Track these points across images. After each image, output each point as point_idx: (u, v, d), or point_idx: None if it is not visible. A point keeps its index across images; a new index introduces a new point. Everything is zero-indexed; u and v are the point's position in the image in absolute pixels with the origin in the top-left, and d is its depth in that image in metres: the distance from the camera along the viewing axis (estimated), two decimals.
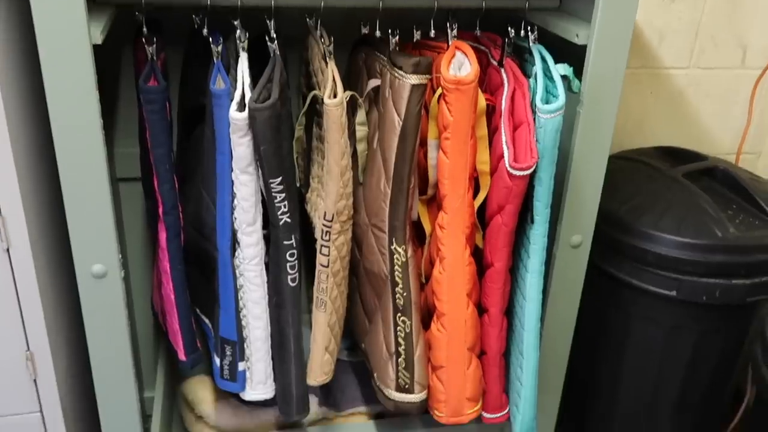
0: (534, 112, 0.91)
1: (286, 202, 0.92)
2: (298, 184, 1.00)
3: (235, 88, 0.89)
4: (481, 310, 1.03)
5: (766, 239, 1.19)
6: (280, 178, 0.89)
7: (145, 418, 1.27)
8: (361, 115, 0.98)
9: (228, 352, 0.99)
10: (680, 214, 1.22)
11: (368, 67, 1.03)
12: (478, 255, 1.02)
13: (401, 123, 0.91)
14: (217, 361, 1.01)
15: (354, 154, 1.00)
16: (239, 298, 0.98)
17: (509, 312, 1.05)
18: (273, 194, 0.90)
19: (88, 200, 0.89)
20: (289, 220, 0.93)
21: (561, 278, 1.09)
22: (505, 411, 1.10)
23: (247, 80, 0.89)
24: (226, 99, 0.88)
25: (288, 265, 0.94)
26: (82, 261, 0.92)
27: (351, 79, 1.11)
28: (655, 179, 1.31)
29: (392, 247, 0.96)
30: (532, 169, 0.90)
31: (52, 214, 1.01)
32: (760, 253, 1.18)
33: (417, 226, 1.05)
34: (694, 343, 1.26)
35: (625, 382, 1.35)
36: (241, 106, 0.87)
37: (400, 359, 0.98)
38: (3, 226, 0.88)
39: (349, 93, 0.95)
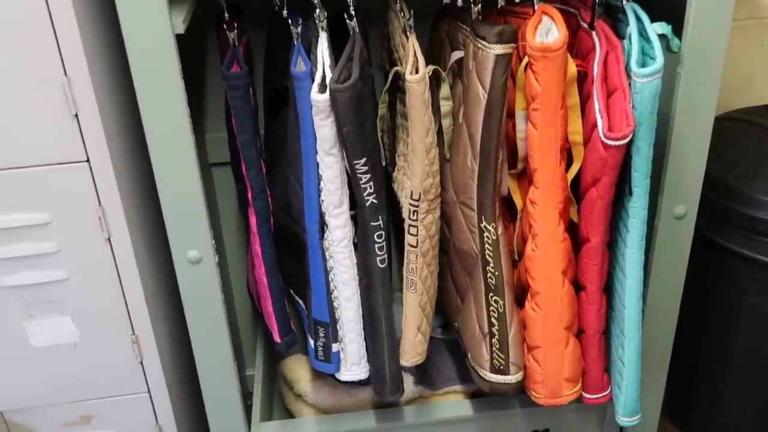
0: (629, 77, 0.85)
1: (371, 183, 0.90)
2: (384, 163, 0.99)
3: (316, 70, 0.88)
4: (578, 287, 0.99)
5: None
6: (364, 159, 0.88)
7: (247, 395, 1.31)
8: (445, 90, 0.95)
9: (321, 334, 1.00)
10: None
11: (451, 39, 0.99)
12: (573, 230, 0.97)
13: (486, 96, 0.87)
14: (312, 342, 1.02)
15: (439, 131, 0.98)
16: (330, 279, 0.99)
17: (608, 289, 1.00)
18: (358, 175, 0.89)
19: (180, 187, 0.91)
20: (375, 200, 0.91)
21: (664, 252, 1.03)
22: (607, 391, 1.05)
23: (328, 61, 0.88)
24: (308, 81, 0.87)
25: (376, 246, 0.93)
26: (178, 248, 0.95)
27: (434, 52, 1.08)
28: (765, 140, 1.21)
29: (482, 225, 0.94)
30: (628, 139, 0.84)
31: (149, 204, 1.05)
32: None
33: (508, 201, 1.01)
34: None
35: (736, 359, 1.27)
36: (323, 88, 0.86)
37: (493, 340, 0.96)
38: (103, 216, 0.92)
39: (431, 67, 0.92)
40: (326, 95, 0.85)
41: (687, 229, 1.02)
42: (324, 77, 0.87)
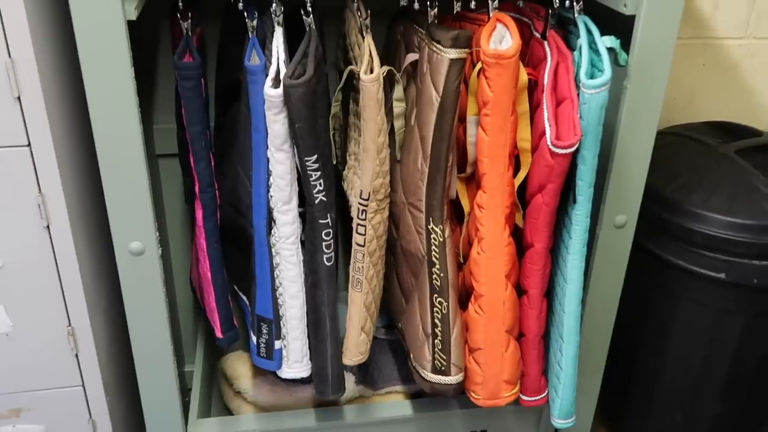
0: (578, 87, 0.88)
1: (321, 181, 0.90)
2: (334, 162, 0.99)
3: (270, 64, 0.87)
4: (520, 291, 1.01)
5: None
6: (315, 156, 0.88)
7: (185, 391, 1.29)
8: (398, 91, 0.96)
9: (264, 330, 0.99)
10: (731, 192, 1.17)
11: (407, 41, 1.00)
12: (518, 235, 0.99)
13: (439, 99, 0.88)
14: (254, 339, 1.01)
15: (391, 132, 0.98)
16: (275, 276, 0.98)
17: (549, 294, 1.03)
18: (308, 172, 0.89)
19: (125, 178, 0.89)
20: (324, 198, 0.91)
21: (604, 259, 1.06)
22: (544, 394, 1.07)
23: (282, 56, 0.87)
24: (261, 75, 0.86)
25: (324, 244, 0.93)
26: (120, 239, 0.92)
27: (389, 54, 1.08)
28: (705, 156, 1.26)
29: (429, 227, 0.94)
30: (574, 147, 0.87)
31: (91, 192, 1.02)
32: None
33: (456, 204, 1.03)
34: (743, 326, 1.21)
35: (668, 366, 1.31)
36: (276, 83, 0.86)
37: (436, 341, 0.97)
38: (43, 204, 0.89)
39: (386, 68, 0.92)
40: (279, 90, 0.84)
41: (626, 237, 1.06)
42: (278, 72, 0.86)
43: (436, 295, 0.96)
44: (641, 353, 1.35)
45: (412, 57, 0.96)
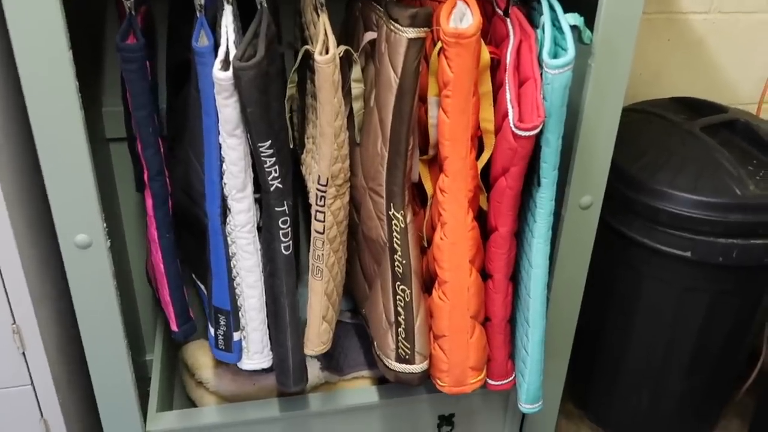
0: (541, 67, 0.85)
1: (277, 167, 0.86)
2: (291, 146, 0.95)
3: (219, 45, 0.83)
4: (485, 275, 0.99)
5: None
6: (269, 142, 0.84)
7: (146, 381, 1.25)
8: (356, 72, 0.92)
9: (222, 322, 0.95)
10: (697, 170, 1.16)
11: (365, 18, 0.96)
12: (482, 218, 0.97)
13: (398, 80, 0.85)
14: (212, 330, 0.97)
15: (350, 114, 0.94)
16: (232, 266, 0.94)
17: (515, 277, 1.01)
18: (262, 158, 0.85)
19: (67, 165, 0.84)
20: (280, 185, 0.87)
21: (569, 241, 1.04)
22: (511, 378, 1.06)
23: (232, 36, 0.83)
24: (210, 57, 0.82)
25: (281, 232, 0.90)
26: (64, 231, 0.88)
27: (347, 32, 1.04)
28: (670, 133, 1.25)
29: (390, 213, 0.91)
30: (538, 129, 0.84)
31: (33, 182, 0.97)
32: None
33: (419, 187, 1.00)
34: (708, 304, 1.21)
35: (634, 343, 1.31)
36: (226, 65, 0.81)
37: (400, 329, 0.94)
38: None
39: (342, 48, 0.88)
40: (229, 73, 0.80)
41: (592, 219, 1.04)
42: (227, 53, 0.82)
43: (398, 283, 0.93)
44: (606, 332, 1.35)
45: (370, 36, 0.92)
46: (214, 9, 0.86)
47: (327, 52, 0.83)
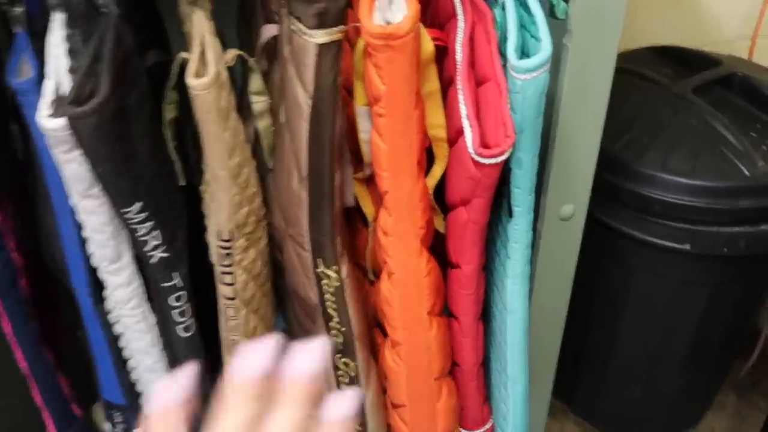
0: (505, 66, 0.62)
1: (157, 232, 0.63)
2: (183, 182, 0.71)
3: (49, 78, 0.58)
4: (449, 312, 0.79)
5: None
6: (137, 205, 0.60)
7: None
8: (255, 83, 0.68)
9: (118, 419, 0.74)
10: (693, 146, 0.95)
11: (264, 5, 0.71)
12: (439, 240, 0.75)
13: (310, 103, 0.61)
14: (108, 427, 0.76)
15: (256, 135, 0.71)
16: (123, 348, 0.72)
17: (486, 313, 0.81)
18: (132, 226, 0.61)
19: None
20: (165, 254, 0.65)
21: (549, 258, 0.84)
22: (489, 424, 0.88)
23: (64, 62, 0.57)
24: (35, 95, 0.57)
25: (175, 312, 0.67)
26: None
27: (244, 20, 0.79)
28: (657, 98, 1.03)
29: (318, 271, 0.70)
30: (507, 155, 0.62)
31: None
32: None
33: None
34: (708, 297, 1.04)
35: (624, 339, 1.14)
36: (60, 107, 0.56)
37: None
38: None
39: (233, 53, 0.64)
40: (62, 121, 0.55)
41: (575, 231, 0.84)
42: (58, 89, 0.57)
43: (338, 355, 0.72)
44: (592, 327, 1.17)
45: (269, 31, 0.67)
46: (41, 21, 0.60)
47: (205, 73, 0.59)
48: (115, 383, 0.72)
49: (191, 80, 0.58)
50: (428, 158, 0.71)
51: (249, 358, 0.33)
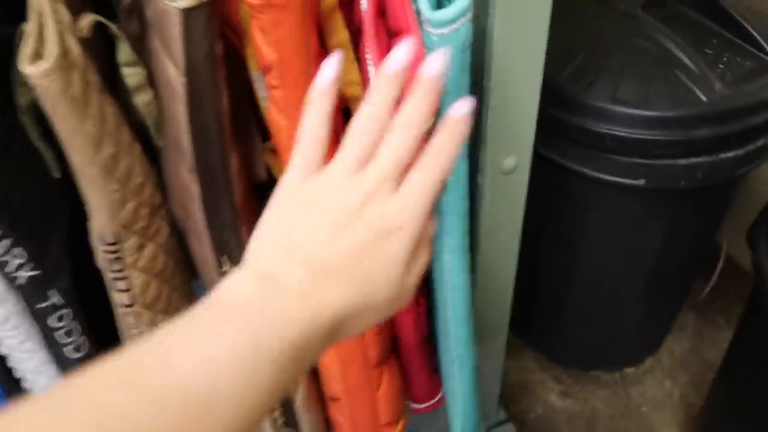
0: (420, 19, 0.51)
1: (18, 249, 0.52)
2: (56, 175, 0.60)
3: None
4: None
5: (765, 90, 0.85)
6: None
7: None
8: (124, 53, 0.56)
9: None
10: (645, 72, 0.86)
11: None
12: None
13: (184, 80, 0.49)
14: None
15: (133, 112, 0.59)
16: (10, 368, 0.63)
17: (427, 281, 0.73)
18: None
19: None
20: (34, 272, 0.54)
21: (493, 216, 0.76)
22: (439, 395, 0.82)
23: None
24: None
25: (59, 333, 0.58)
26: None
27: None
28: (602, 18, 0.93)
29: (225, 270, 0.60)
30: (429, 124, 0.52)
31: None
32: (758, 113, 0.85)
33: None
34: (666, 231, 0.98)
35: (579, 277, 1.08)
36: None
37: (275, 413, 0.67)
38: None
39: (90, 19, 0.52)
40: None
41: (520, 184, 0.75)
42: None
43: None
44: (546, 266, 1.11)
45: None
46: None
47: (42, 57, 0.47)
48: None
49: (26, 67, 0.46)
50: (345, 120, 0.61)
51: (395, 57, 0.41)
